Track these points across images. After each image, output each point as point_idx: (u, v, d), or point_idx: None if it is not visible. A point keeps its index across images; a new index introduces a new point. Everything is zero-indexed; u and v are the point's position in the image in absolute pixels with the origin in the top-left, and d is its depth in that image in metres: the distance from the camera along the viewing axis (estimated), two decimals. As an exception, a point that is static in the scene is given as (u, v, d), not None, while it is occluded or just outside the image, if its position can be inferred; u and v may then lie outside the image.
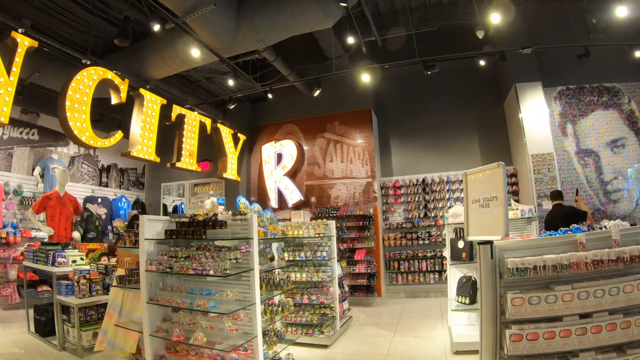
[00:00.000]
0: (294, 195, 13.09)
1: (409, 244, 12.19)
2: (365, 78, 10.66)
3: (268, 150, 13.82)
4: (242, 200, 5.88)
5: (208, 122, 11.56)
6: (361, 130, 12.89)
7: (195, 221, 4.97)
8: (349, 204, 12.57)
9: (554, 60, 11.61)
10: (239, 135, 12.82)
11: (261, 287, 5.13)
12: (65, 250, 7.48)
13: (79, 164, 13.62)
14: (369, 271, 11.33)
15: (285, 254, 7.99)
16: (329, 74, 11.14)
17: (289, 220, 9.53)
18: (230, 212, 5.10)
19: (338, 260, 8.76)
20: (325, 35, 11.09)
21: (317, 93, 11.94)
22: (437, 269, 11.91)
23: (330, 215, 12.01)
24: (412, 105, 13.41)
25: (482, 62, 11.11)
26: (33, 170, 11.64)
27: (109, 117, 12.91)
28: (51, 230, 9.26)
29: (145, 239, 5.08)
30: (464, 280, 6.89)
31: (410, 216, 12.58)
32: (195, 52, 8.53)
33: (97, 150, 13.96)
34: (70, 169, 12.91)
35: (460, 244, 7.08)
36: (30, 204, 10.77)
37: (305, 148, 13.55)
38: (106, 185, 14.56)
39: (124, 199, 13.94)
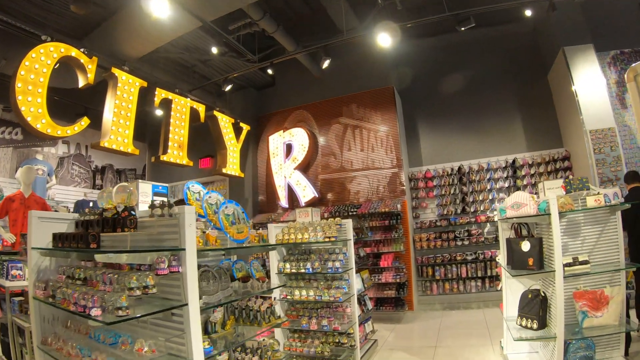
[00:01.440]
0: (306, 192, 11.28)
1: (445, 245, 10.24)
2: (384, 41, 8.60)
3: (276, 141, 12.10)
4: (193, 188, 3.95)
5: (201, 108, 10.15)
6: (383, 112, 10.99)
7: (96, 220, 3.00)
8: (372, 200, 10.66)
9: (604, 18, 9.71)
10: (242, 124, 11.41)
11: (210, 331, 3.18)
12: (22, 262, 5.97)
13: (69, 165, 12.62)
14: (397, 280, 9.38)
15: (287, 265, 6.21)
16: (339, 39, 9.25)
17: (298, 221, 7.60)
18: (158, 206, 3.07)
19: (358, 271, 6.93)
20: (334, 1, 9.23)
21: (326, 64, 9.93)
22: (479, 274, 9.96)
23: (350, 213, 10.15)
24: (440, 82, 11.47)
25: (528, 13, 9.14)
26: (16, 172, 10.52)
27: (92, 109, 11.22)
28: (12, 237, 7.75)
29: (33, 249, 3.29)
30: (530, 296, 5.01)
31: (445, 212, 10.58)
32: (165, 8, 6.57)
33: (90, 149, 13.01)
34: (59, 171, 12.09)
35: (525, 246, 5.08)
36: (10, 207, 10.03)
37: (318, 137, 11.77)
38: (100, 188, 13.01)
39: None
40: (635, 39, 9.59)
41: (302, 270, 6.13)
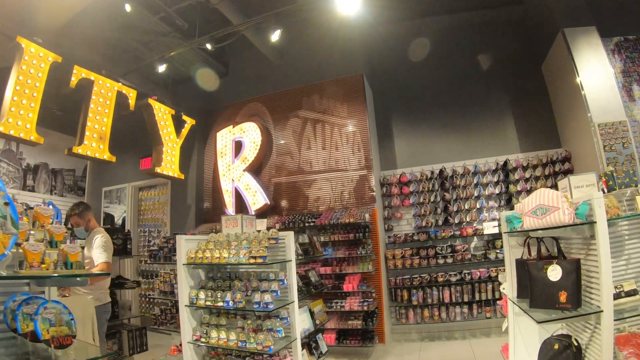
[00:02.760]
0: (257, 198, 9.34)
1: (424, 264, 8.36)
2: (348, 8, 6.76)
3: (224, 137, 10.16)
4: None
5: (132, 94, 8.55)
6: (350, 104, 9.16)
7: None
8: (335, 209, 8.75)
9: (606, 1, 8.33)
10: (185, 118, 9.78)
11: None
12: None
13: None
14: (365, 308, 7.50)
15: (202, 295, 4.46)
16: (291, 5, 7.38)
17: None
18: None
19: (313, 298, 5.05)
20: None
21: (277, 35, 7.94)
22: (465, 299, 8.19)
23: (307, 224, 8.28)
24: (420, 72, 9.76)
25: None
26: None
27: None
28: None
29: None
30: (557, 347, 3.24)
31: (423, 223, 8.73)
32: None
33: (21, 146, 11.42)
34: None
35: (554, 274, 3.26)
36: None
37: (273, 133, 9.87)
38: (32, 190, 11.65)
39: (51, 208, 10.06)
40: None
41: (220, 304, 4.21)
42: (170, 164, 9.35)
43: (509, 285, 3.94)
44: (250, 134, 9.70)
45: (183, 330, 4.66)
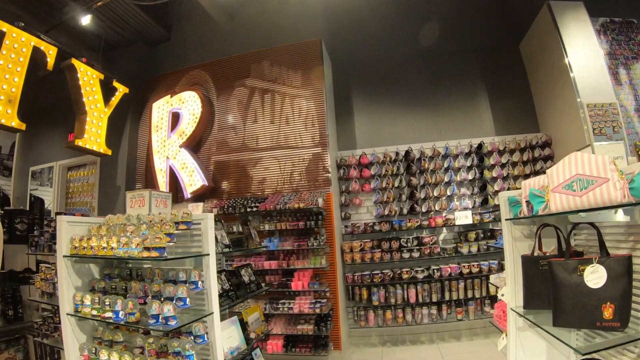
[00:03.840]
0: (194, 179, 7.95)
1: (386, 258, 7.18)
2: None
3: (161, 109, 8.75)
4: None
5: (52, 51, 7.24)
6: (306, 73, 7.87)
7: None
8: (283, 192, 7.45)
9: None
10: (116, 84, 8.50)
11: None
12: None
13: None
14: (317, 310, 6.28)
15: (88, 300, 3.35)
16: None
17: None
18: None
19: (229, 309, 3.86)
20: None
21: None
22: (433, 298, 7.11)
23: (249, 209, 6.97)
24: (386, 44, 8.67)
25: None
26: None
27: None
28: None
29: None
30: None
31: (386, 212, 7.52)
32: None
33: None
34: None
35: (596, 278, 2.01)
36: None
37: (216, 104, 8.48)
38: None
39: None
40: (627, 8, 7.71)
41: (108, 314, 2.93)
42: (95, 136, 7.94)
43: (509, 290, 2.77)
44: (189, 104, 8.32)
45: (66, 348, 3.36)
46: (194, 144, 8.32)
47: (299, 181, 7.41)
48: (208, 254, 3.30)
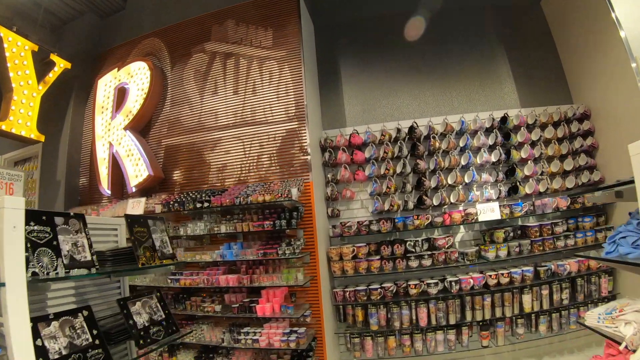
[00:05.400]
0: (139, 169, 6.23)
1: (388, 267, 5.32)
2: None
3: (108, 85, 7.11)
4: None
5: None
6: (278, 30, 6.14)
7: None
8: (248, 182, 5.69)
9: None
10: (53, 57, 7.01)
11: None
12: None
13: None
14: (292, 345, 4.45)
15: None
16: None
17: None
18: None
19: None
20: None
21: None
22: (451, 319, 5.26)
23: (200, 206, 5.21)
24: (380, 0, 6.97)
25: None
26: None
27: None
28: None
29: None
30: None
31: (386, 206, 5.67)
32: None
33: None
34: None
35: None
36: None
37: (169, 75, 6.78)
38: None
39: None
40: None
41: None
42: (24, 119, 6.40)
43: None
44: (138, 77, 6.65)
45: None
46: (142, 126, 6.68)
47: (268, 167, 5.63)
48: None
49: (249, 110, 5.91)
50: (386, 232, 5.38)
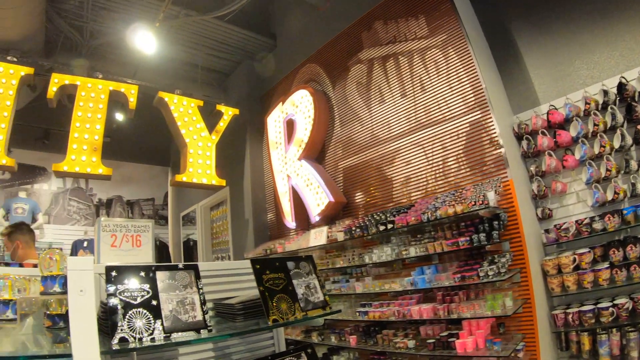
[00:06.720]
0: (319, 196, 6.34)
1: (620, 277, 4.24)
2: None
3: (276, 121, 7.72)
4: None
5: (134, 90, 7.06)
6: (429, 13, 5.59)
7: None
8: (436, 193, 5.25)
9: None
10: (220, 107, 8.03)
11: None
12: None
13: (65, 202, 11.81)
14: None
15: None
16: None
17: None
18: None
19: None
20: None
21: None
22: None
23: (383, 229, 4.91)
24: None
25: None
26: (-1, 211, 9.84)
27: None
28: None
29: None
30: None
31: (609, 196, 4.60)
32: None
33: (91, 182, 12.11)
34: (52, 209, 11.47)
35: None
36: (-4, 250, 9.75)
37: (332, 96, 6.93)
38: None
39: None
40: None
41: None
42: (203, 168, 7.23)
43: None
44: (303, 105, 6.97)
45: None
46: (316, 152, 6.96)
47: (457, 171, 5.11)
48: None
49: (422, 110, 5.50)
50: (614, 230, 4.37)
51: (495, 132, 4.84)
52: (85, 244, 9.58)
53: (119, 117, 9.67)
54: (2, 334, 2.13)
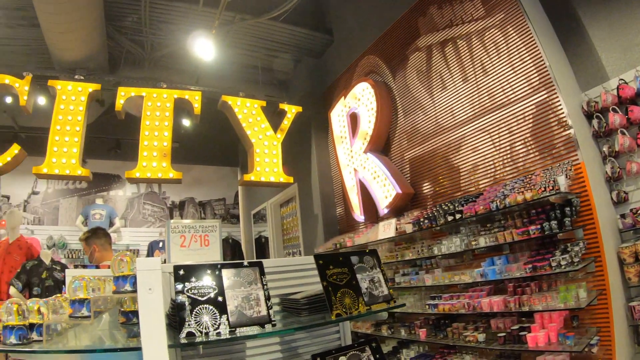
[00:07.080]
0: (386, 189, 6.39)
1: None
2: None
3: (340, 116, 7.86)
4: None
5: (198, 96, 7.33)
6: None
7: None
8: (505, 180, 5.12)
9: None
10: (283, 106, 8.14)
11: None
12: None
13: (140, 206, 12.70)
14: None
15: None
16: None
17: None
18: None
19: None
20: None
21: None
22: None
23: (451, 219, 4.93)
24: None
25: None
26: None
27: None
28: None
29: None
30: None
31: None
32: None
33: (164, 186, 12.91)
34: (128, 213, 12.39)
35: None
36: (78, 256, 10.62)
37: (393, 86, 6.92)
38: None
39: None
40: None
41: None
42: (270, 167, 7.45)
43: None
44: (365, 98, 7.06)
45: None
46: (382, 145, 7.04)
47: (525, 156, 4.98)
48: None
49: (486, 94, 5.39)
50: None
51: (563, 112, 4.67)
52: (160, 244, 10.69)
53: (186, 122, 10.22)
54: (80, 330, 2.37)
